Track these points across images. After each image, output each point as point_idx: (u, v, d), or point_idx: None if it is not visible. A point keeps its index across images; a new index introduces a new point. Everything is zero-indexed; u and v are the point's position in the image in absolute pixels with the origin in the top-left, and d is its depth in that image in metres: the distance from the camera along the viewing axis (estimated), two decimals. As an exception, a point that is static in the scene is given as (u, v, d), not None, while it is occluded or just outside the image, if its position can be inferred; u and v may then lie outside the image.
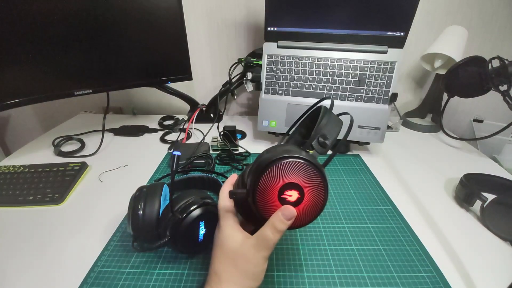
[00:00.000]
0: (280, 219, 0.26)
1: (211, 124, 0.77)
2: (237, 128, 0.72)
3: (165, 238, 0.34)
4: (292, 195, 0.26)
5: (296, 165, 0.25)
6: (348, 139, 0.65)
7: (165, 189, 0.40)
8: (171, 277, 0.37)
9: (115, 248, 0.41)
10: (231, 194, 0.29)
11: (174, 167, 0.31)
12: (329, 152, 0.29)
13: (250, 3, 0.83)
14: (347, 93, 0.64)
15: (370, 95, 0.63)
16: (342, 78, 0.64)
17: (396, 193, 0.54)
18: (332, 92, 0.64)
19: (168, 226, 0.34)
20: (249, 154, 0.65)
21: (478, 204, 0.47)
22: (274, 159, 0.25)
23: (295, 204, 0.26)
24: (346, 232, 0.45)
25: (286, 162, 0.25)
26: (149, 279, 0.36)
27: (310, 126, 0.42)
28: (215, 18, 0.85)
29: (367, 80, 0.63)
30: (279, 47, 0.66)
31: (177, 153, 0.31)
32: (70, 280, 0.36)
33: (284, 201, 0.26)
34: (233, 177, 0.35)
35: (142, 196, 0.38)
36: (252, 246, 0.27)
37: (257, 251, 0.27)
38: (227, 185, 0.34)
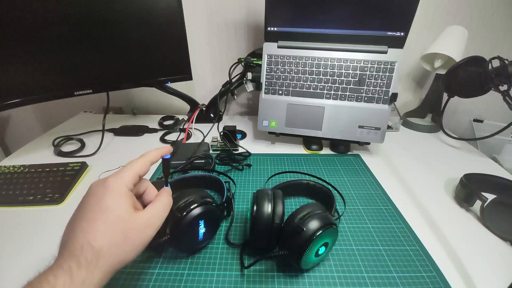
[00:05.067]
0: (170, 195, 0.32)
1: (211, 124, 0.77)
2: (237, 128, 0.71)
3: (165, 237, 0.34)
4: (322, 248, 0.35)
5: (333, 230, 0.35)
6: (348, 139, 0.66)
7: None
8: (171, 277, 0.37)
9: (115, 248, 0.41)
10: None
11: (166, 170, 0.31)
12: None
13: (250, 3, 0.83)
14: (347, 93, 0.64)
15: (370, 95, 0.63)
16: (342, 78, 0.64)
17: (396, 193, 0.54)
18: (332, 92, 0.64)
19: (168, 225, 0.34)
20: (249, 154, 0.65)
21: (478, 204, 0.47)
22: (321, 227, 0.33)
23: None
24: (346, 232, 0.45)
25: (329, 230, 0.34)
26: (149, 279, 0.36)
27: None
28: (215, 18, 0.85)
29: (367, 80, 0.63)
30: (279, 47, 0.66)
31: (166, 156, 0.31)
32: (70, 280, 0.36)
33: (317, 254, 0.35)
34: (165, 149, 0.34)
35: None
36: (147, 220, 0.27)
37: (150, 225, 0.27)
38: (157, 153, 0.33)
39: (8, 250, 0.41)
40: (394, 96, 0.62)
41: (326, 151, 0.70)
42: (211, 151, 0.67)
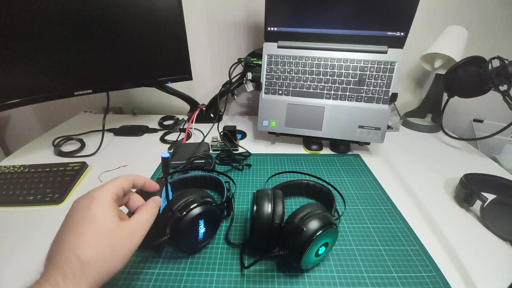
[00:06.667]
0: (156, 205, 0.31)
1: (211, 124, 0.77)
2: (237, 128, 0.72)
3: (165, 236, 0.34)
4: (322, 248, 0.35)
5: (333, 230, 0.35)
6: (348, 139, 0.66)
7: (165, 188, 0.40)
8: (171, 277, 0.37)
9: (115, 248, 0.41)
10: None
11: (166, 169, 0.31)
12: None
13: (250, 3, 0.83)
14: (347, 93, 0.64)
15: (370, 95, 0.63)
16: (342, 78, 0.64)
17: (396, 193, 0.54)
18: (332, 92, 0.64)
19: (168, 224, 0.34)
20: (249, 154, 0.65)
21: (478, 204, 0.47)
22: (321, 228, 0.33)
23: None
24: (346, 232, 0.45)
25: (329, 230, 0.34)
26: (149, 279, 0.36)
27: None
28: (215, 18, 0.85)
29: (367, 80, 0.63)
30: (279, 47, 0.66)
31: (165, 154, 0.31)
32: (70, 280, 0.36)
33: (317, 254, 0.35)
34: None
35: (143, 194, 0.38)
36: (132, 229, 0.27)
37: (136, 234, 0.27)
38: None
39: (8, 250, 0.41)
40: (394, 96, 0.62)
41: (326, 151, 0.70)
42: (211, 151, 0.67)
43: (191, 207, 0.35)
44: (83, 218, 0.26)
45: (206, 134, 0.72)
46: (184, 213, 0.35)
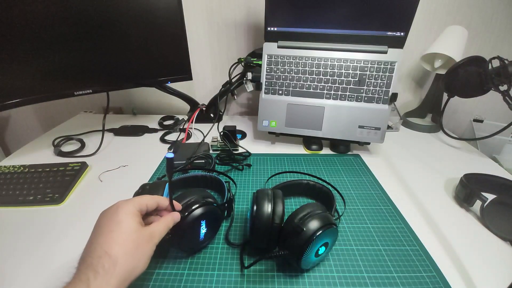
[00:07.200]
0: (173, 220, 0.33)
1: (211, 124, 0.77)
2: (237, 128, 0.72)
3: (167, 236, 0.34)
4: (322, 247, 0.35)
5: (333, 230, 0.35)
6: (348, 139, 0.66)
7: (168, 187, 0.40)
8: (171, 277, 0.37)
9: (115, 248, 0.41)
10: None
11: (170, 169, 0.31)
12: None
13: (250, 3, 0.83)
14: (347, 93, 0.64)
15: (370, 95, 0.63)
16: (342, 78, 0.64)
17: (396, 193, 0.54)
18: (332, 92, 0.64)
19: None
20: (249, 154, 0.65)
21: (478, 204, 0.47)
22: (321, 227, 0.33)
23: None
24: (346, 232, 0.45)
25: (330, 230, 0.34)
26: (149, 279, 0.36)
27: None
28: (215, 18, 0.85)
29: (367, 80, 0.63)
30: (279, 47, 0.66)
31: (170, 155, 0.31)
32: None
33: (317, 254, 0.35)
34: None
35: (145, 193, 0.38)
36: (150, 233, 0.30)
37: (152, 239, 0.30)
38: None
39: (8, 250, 0.41)
40: (394, 96, 0.62)
41: (326, 151, 0.70)
42: (211, 151, 0.67)
43: (193, 208, 0.35)
44: (111, 221, 0.29)
45: (206, 134, 0.72)
46: (186, 213, 0.35)
